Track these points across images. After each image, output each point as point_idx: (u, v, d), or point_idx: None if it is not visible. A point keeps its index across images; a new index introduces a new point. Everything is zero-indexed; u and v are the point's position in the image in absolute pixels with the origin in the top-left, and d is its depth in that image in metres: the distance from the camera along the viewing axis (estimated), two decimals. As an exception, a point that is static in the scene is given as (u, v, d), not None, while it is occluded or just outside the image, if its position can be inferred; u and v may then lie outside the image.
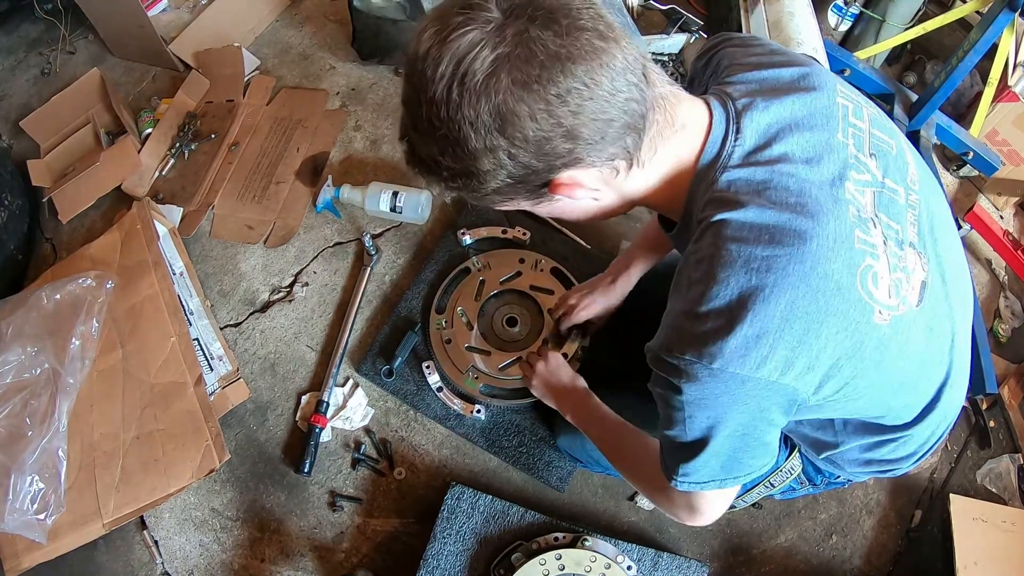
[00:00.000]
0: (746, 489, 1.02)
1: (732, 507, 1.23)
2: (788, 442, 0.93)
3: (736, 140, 0.66)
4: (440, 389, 1.38)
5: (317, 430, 1.37)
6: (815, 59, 1.53)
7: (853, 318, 0.62)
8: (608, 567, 1.12)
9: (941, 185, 1.58)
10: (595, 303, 1.25)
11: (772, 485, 0.98)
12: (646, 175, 0.68)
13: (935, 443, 0.85)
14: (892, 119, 1.69)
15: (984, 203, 1.72)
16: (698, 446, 0.69)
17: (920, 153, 1.65)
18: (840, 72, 1.73)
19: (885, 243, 0.65)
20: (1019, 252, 1.61)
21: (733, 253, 0.61)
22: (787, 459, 0.93)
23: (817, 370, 0.62)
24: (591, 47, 0.56)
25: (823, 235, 0.61)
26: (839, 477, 0.93)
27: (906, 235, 0.67)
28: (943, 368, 0.74)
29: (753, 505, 1.24)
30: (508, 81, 0.55)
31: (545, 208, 0.69)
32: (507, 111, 0.56)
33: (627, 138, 0.61)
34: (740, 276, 0.60)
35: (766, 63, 0.72)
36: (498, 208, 0.71)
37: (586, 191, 0.65)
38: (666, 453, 0.74)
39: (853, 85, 1.90)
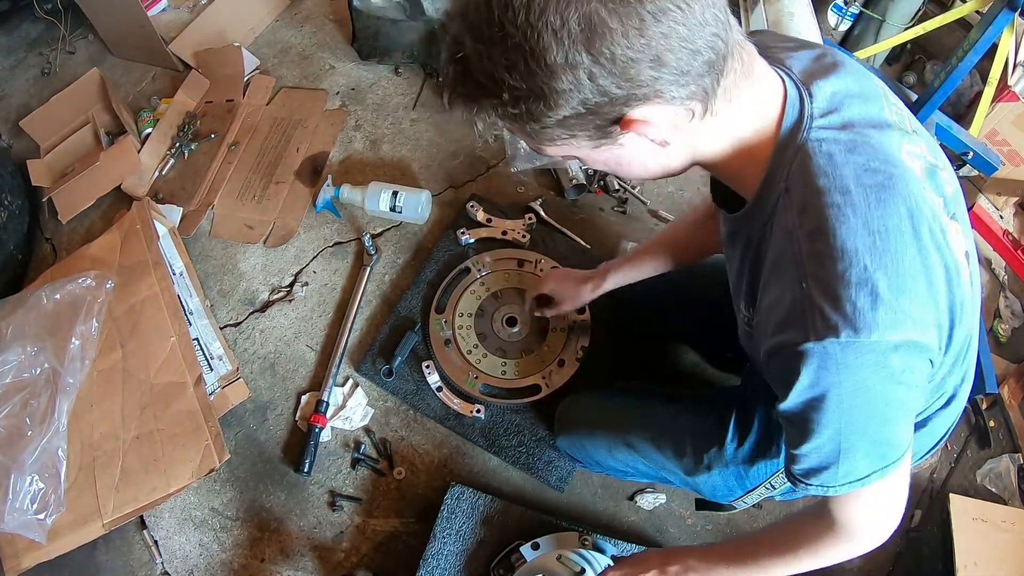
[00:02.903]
0: (747, 491, 1.02)
1: (732, 508, 1.23)
2: None
3: (812, 100, 0.63)
4: (440, 389, 1.39)
5: (317, 430, 1.37)
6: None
7: (954, 273, 0.62)
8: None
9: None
10: (561, 289, 1.25)
11: (773, 487, 0.98)
12: (720, 131, 0.63)
13: (937, 443, 0.85)
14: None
15: (984, 203, 1.71)
16: (847, 440, 0.63)
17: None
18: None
19: (940, 208, 0.64)
20: (1019, 252, 1.60)
21: (851, 217, 0.58)
22: None
23: (942, 327, 0.62)
24: None
25: (912, 198, 0.60)
26: None
27: (949, 206, 0.67)
28: (965, 358, 0.73)
29: (754, 505, 1.24)
30: None
31: (604, 154, 0.63)
32: (598, 22, 0.50)
33: (707, 77, 0.57)
34: (865, 238, 0.57)
35: (800, 50, 0.71)
36: (549, 151, 0.64)
37: (658, 131, 0.59)
38: (814, 473, 0.68)
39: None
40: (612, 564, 1.02)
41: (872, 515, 0.71)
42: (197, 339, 1.48)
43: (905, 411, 0.64)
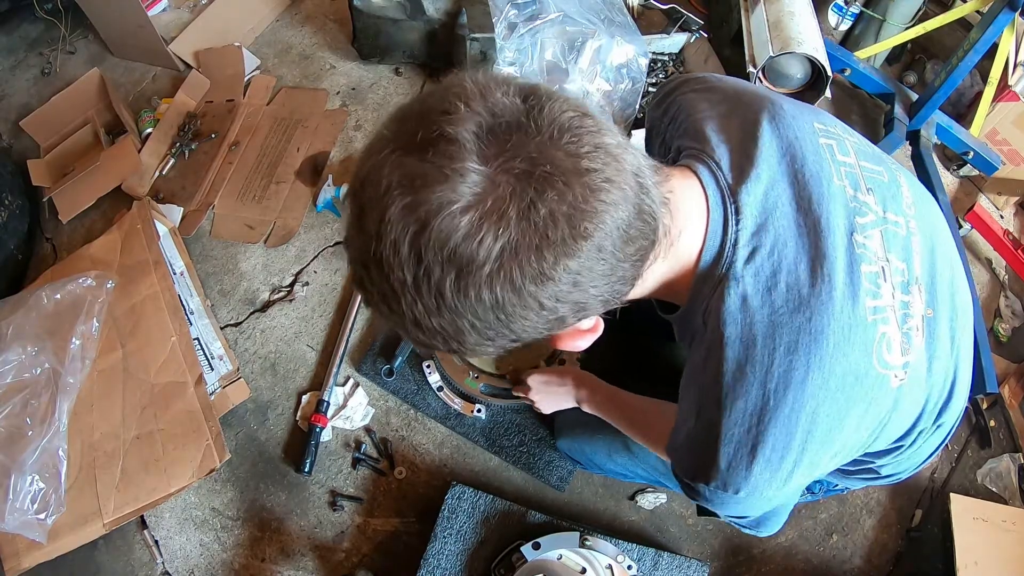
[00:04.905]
0: None
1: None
2: None
3: (737, 224, 0.60)
4: (440, 389, 1.39)
5: (318, 429, 1.37)
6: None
7: (873, 396, 0.60)
8: (609, 567, 1.12)
9: (934, 194, 1.58)
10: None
11: None
12: (644, 284, 0.60)
13: (933, 453, 0.85)
14: (892, 119, 1.69)
15: (984, 203, 1.72)
16: (729, 518, 0.76)
17: (920, 153, 1.66)
18: (840, 72, 1.73)
19: (893, 296, 0.62)
20: (1019, 252, 1.61)
21: (748, 375, 0.58)
22: None
23: (843, 453, 0.62)
24: (604, 205, 0.47)
25: (839, 328, 0.57)
26: (837, 486, 0.93)
27: (911, 272, 0.64)
28: (946, 390, 0.72)
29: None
30: (518, 275, 0.45)
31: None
32: (515, 308, 0.47)
33: (633, 271, 0.53)
34: (757, 399, 0.57)
35: (735, 121, 0.67)
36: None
37: (588, 336, 0.60)
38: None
39: (853, 85, 1.90)
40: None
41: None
42: (198, 339, 1.47)
43: (784, 510, 0.75)
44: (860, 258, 0.60)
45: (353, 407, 1.42)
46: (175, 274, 1.54)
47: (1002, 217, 1.70)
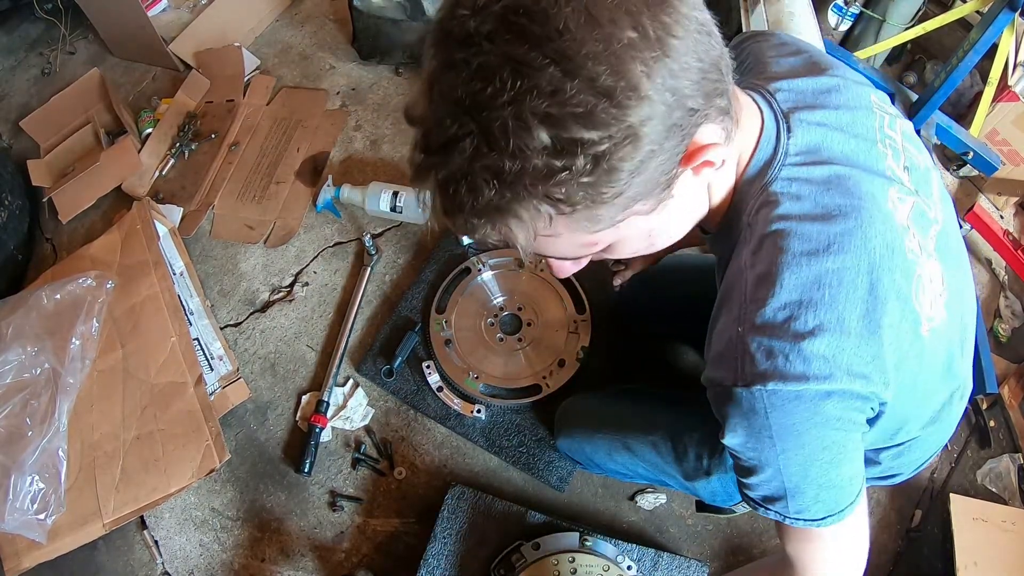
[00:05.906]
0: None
1: (733, 512, 1.23)
2: None
3: (789, 137, 0.62)
4: (440, 389, 1.39)
5: (317, 430, 1.37)
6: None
7: (907, 329, 0.59)
8: (607, 568, 1.12)
9: (952, 202, 1.58)
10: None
11: None
12: (728, 170, 0.62)
13: (934, 453, 0.85)
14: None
15: (984, 203, 1.71)
16: (790, 481, 0.63)
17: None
18: (840, 72, 1.73)
19: (920, 251, 0.63)
20: (1019, 252, 1.60)
21: (803, 267, 0.57)
22: None
23: (890, 379, 0.59)
24: None
25: (883, 244, 0.58)
26: None
27: (927, 248, 0.65)
28: (953, 382, 0.72)
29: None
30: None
31: (651, 221, 0.58)
32: (671, 20, 0.47)
33: (725, 97, 0.54)
34: (812, 290, 0.56)
35: (800, 69, 0.70)
36: (591, 246, 0.58)
37: (719, 153, 0.54)
38: (769, 501, 0.67)
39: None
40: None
41: (830, 560, 0.69)
42: (197, 339, 1.48)
43: (845, 454, 0.62)
44: (895, 207, 0.62)
45: (353, 407, 1.42)
46: (175, 274, 1.54)
47: (1002, 217, 1.70)
